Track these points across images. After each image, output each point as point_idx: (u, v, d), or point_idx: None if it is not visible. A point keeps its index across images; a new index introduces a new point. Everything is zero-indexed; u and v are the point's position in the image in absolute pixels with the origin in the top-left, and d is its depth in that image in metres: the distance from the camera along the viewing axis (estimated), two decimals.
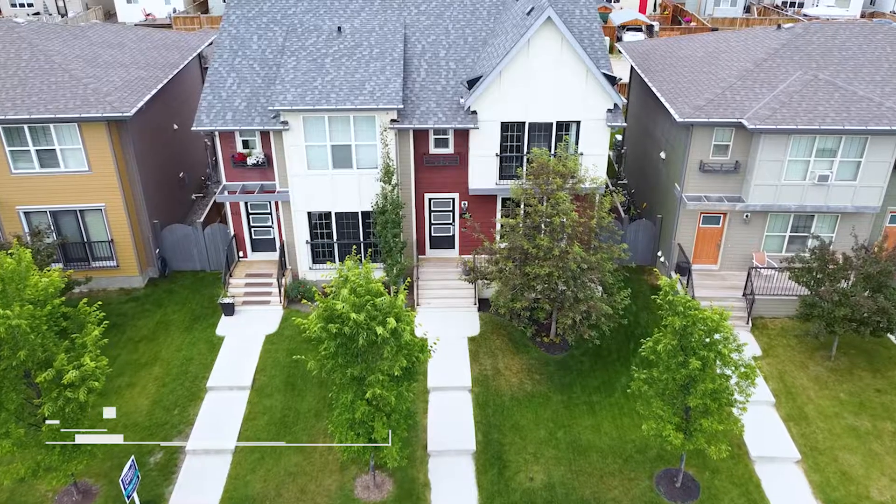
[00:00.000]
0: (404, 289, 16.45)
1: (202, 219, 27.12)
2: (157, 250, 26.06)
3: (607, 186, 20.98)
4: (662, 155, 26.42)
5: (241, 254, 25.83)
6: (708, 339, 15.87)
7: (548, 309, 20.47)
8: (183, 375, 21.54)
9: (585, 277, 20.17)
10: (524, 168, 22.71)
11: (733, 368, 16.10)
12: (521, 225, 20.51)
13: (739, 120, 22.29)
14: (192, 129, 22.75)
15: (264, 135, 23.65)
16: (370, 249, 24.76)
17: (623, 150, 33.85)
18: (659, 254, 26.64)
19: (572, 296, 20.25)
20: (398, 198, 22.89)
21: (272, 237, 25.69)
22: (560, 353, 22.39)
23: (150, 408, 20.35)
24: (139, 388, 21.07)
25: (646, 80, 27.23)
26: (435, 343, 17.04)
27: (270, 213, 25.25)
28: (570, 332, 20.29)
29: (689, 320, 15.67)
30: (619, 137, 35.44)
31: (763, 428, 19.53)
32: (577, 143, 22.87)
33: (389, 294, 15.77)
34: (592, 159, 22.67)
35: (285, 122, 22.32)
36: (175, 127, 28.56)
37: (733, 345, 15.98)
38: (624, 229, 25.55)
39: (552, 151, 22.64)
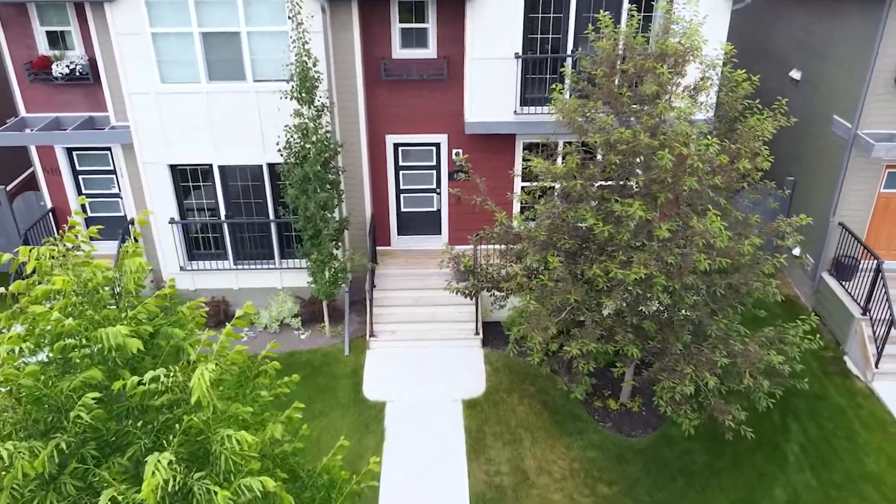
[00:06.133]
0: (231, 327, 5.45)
1: (12, 186, 16.14)
2: None
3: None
4: (796, 75, 15.45)
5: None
6: None
7: (635, 356, 9.43)
8: None
9: (723, 289, 9.24)
10: (572, 68, 11.54)
11: None
12: (575, 179, 9.51)
13: None
14: None
15: (81, 17, 12.70)
16: (289, 235, 13.85)
17: None
18: (788, 242, 15.64)
19: (688, 328, 9.34)
20: (328, 133, 11.98)
21: (123, 213, 14.74)
22: (642, 434, 11.49)
23: None
24: None
25: None
26: (363, 476, 6.06)
27: (115, 171, 14.30)
28: (685, 407, 9.30)
29: None
30: None
31: None
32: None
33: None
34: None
35: None
36: None
37: None
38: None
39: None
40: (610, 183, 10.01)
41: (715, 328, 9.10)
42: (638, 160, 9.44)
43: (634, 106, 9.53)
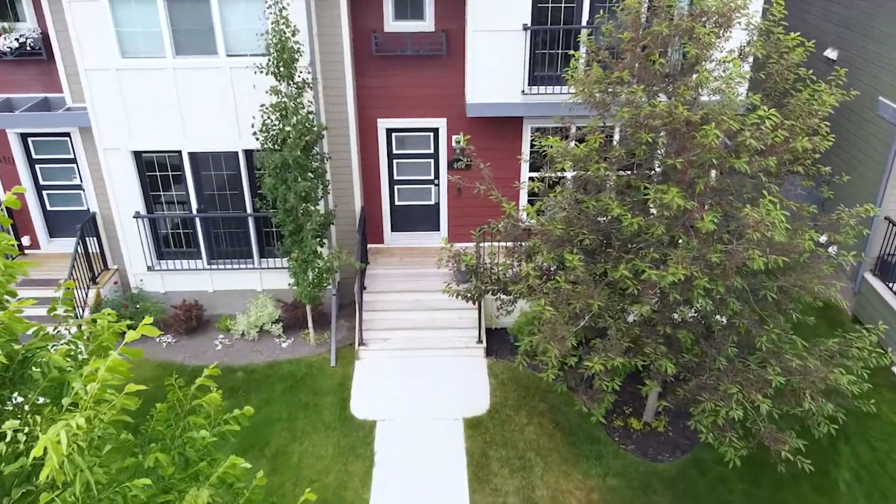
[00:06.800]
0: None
1: None
2: None
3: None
4: (832, 54, 13.99)
5: (23, 240, 13.37)
6: None
7: (668, 373, 7.94)
8: None
9: (774, 293, 7.77)
10: (589, 36, 9.94)
11: None
12: (596, 162, 8.03)
13: None
14: None
15: None
16: (269, 231, 12.37)
17: None
18: (822, 239, 14.16)
19: (732, 339, 7.88)
20: (310, 113, 10.50)
21: (86, 207, 13.25)
22: (670, 458, 10.02)
23: None
24: None
25: None
26: None
27: (75, 160, 12.83)
28: (730, 434, 7.81)
29: None
30: None
31: None
32: None
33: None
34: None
35: None
36: None
37: None
38: None
39: None
40: (629, 172, 8.55)
41: (765, 339, 7.62)
42: (666, 140, 7.98)
43: (667, 77, 8.07)
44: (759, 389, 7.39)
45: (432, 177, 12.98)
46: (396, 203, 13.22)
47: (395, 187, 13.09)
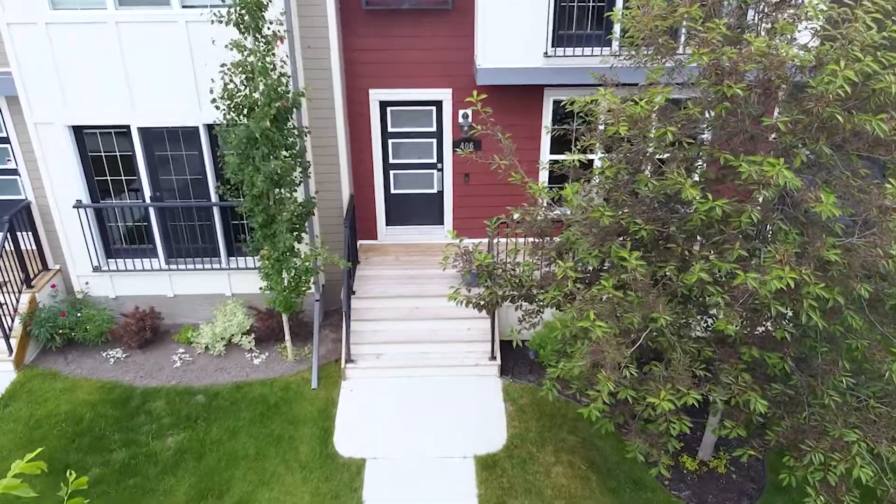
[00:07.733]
0: None
1: None
2: None
3: None
4: None
5: None
6: None
7: (759, 412, 5.86)
8: None
9: None
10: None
11: None
12: (662, 126, 5.97)
13: None
14: None
15: None
16: (239, 224, 10.30)
17: None
18: None
19: (844, 366, 5.81)
20: (283, 75, 8.42)
21: (24, 196, 11.16)
22: None
23: None
24: None
25: None
26: None
27: (8, 138, 10.74)
28: (847, 497, 5.72)
29: None
30: None
31: None
32: None
33: None
34: None
35: None
36: None
37: None
38: None
39: None
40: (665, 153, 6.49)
41: (895, 368, 5.55)
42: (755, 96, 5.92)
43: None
44: (890, 438, 5.32)
45: (435, 160, 10.91)
46: (392, 191, 11.16)
47: (391, 172, 11.03)
